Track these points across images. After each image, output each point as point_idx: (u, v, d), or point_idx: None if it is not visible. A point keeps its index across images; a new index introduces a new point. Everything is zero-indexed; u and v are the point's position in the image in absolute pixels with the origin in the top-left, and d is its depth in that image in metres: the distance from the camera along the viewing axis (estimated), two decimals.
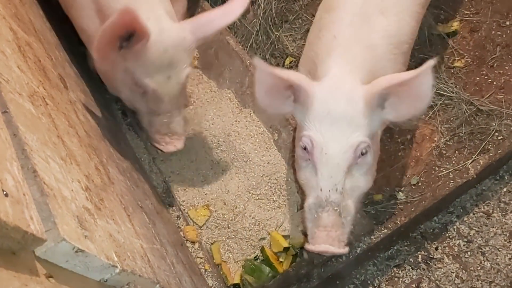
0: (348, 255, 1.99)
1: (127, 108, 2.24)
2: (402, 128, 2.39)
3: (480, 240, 2.14)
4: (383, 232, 2.03)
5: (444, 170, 2.28)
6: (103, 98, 2.28)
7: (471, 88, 2.45)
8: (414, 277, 2.10)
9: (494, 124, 2.31)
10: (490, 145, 2.28)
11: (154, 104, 1.93)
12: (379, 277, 2.12)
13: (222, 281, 2.05)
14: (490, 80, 2.45)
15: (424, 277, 2.09)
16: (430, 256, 2.14)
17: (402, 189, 2.27)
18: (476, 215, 2.20)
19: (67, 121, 1.40)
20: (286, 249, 2.09)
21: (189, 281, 1.69)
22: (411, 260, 2.14)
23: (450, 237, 2.17)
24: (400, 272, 2.13)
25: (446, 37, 2.60)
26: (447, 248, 2.15)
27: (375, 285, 2.11)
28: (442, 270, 2.10)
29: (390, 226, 2.04)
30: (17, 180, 0.82)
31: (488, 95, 2.40)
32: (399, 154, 2.36)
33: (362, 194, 1.64)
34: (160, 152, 2.34)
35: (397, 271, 2.13)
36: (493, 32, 2.58)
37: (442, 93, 2.41)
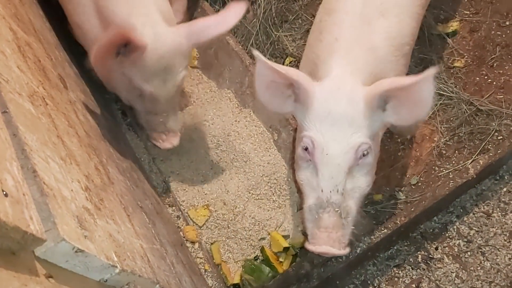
0: (348, 255, 1.99)
1: (127, 108, 2.27)
2: (401, 134, 2.38)
3: (480, 240, 2.14)
4: (383, 232, 2.03)
5: (444, 170, 2.28)
6: (103, 98, 2.28)
7: (471, 88, 2.45)
8: (414, 277, 2.10)
9: (494, 124, 2.31)
10: (490, 145, 2.28)
11: (151, 105, 1.97)
12: (379, 277, 2.12)
13: (222, 281, 2.05)
14: (490, 80, 2.45)
15: (424, 277, 2.09)
16: (430, 256, 2.14)
17: (402, 189, 2.27)
18: (476, 215, 2.20)
19: (67, 121, 1.40)
20: (286, 249, 2.09)
21: (189, 281, 1.69)
22: (411, 260, 2.14)
23: (450, 237, 2.17)
24: (400, 272, 2.13)
25: (446, 37, 2.60)
26: (447, 248, 2.15)
27: (375, 285, 2.11)
28: (442, 270, 2.10)
29: (390, 226, 2.04)
30: (17, 180, 0.82)
31: (488, 95, 2.40)
32: (399, 154, 2.36)
33: (363, 195, 1.64)
34: (158, 151, 2.36)
35: (397, 271, 2.13)
36: (493, 32, 2.58)
37: (442, 93, 2.41)
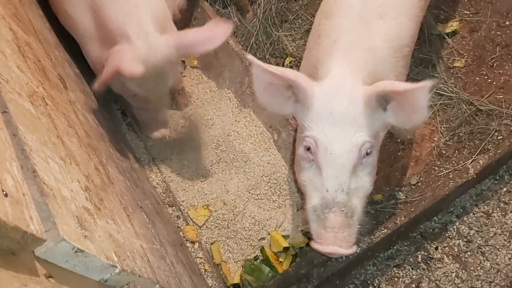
0: (348, 255, 1.99)
1: (127, 108, 2.30)
2: (400, 135, 2.38)
3: (480, 240, 2.14)
4: (383, 232, 2.03)
5: (444, 170, 2.28)
6: (103, 98, 2.28)
7: (470, 88, 2.45)
8: (414, 277, 2.10)
9: (494, 124, 2.31)
10: (490, 145, 2.28)
11: (143, 103, 2.08)
12: (379, 277, 2.12)
13: (222, 281, 2.05)
14: (489, 80, 2.46)
15: (424, 277, 2.10)
16: (430, 256, 2.14)
17: (402, 189, 2.27)
18: (476, 215, 2.20)
19: (66, 121, 1.40)
20: (286, 249, 2.09)
21: (189, 281, 1.69)
22: (411, 260, 2.14)
23: (450, 237, 2.17)
24: (400, 272, 2.13)
25: (446, 37, 2.60)
26: (447, 248, 2.15)
27: (375, 285, 2.11)
28: (442, 270, 2.10)
29: (390, 226, 2.04)
30: (17, 180, 0.82)
31: (488, 95, 2.40)
32: (399, 154, 2.36)
33: (366, 194, 1.63)
34: (158, 151, 2.36)
35: (397, 271, 2.13)
36: (493, 32, 2.58)
37: (442, 93, 2.41)
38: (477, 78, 2.47)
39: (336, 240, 1.52)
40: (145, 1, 1.95)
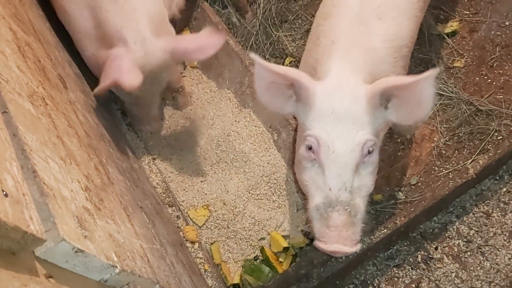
0: (347, 255, 1.99)
1: (119, 101, 2.38)
2: (401, 133, 2.39)
3: (479, 240, 2.14)
4: (382, 232, 2.03)
5: (444, 170, 2.28)
6: (102, 98, 2.28)
7: (470, 88, 2.45)
8: (413, 277, 2.10)
9: (494, 124, 2.32)
10: (490, 145, 2.28)
11: (136, 100, 2.15)
12: (378, 277, 2.12)
13: (221, 281, 2.05)
14: (489, 80, 2.46)
15: (423, 277, 2.10)
16: (430, 256, 2.14)
17: (402, 189, 2.27)
18: (475, 215, 2.20)
19: (66, 121, 1.40)
20: (285, 249, 2.09)
21: (189, 281, 1.69)
22: (410, 260, 2.14)
23: (450, 237, 2.17)
24: (399, 272, 2.13)
25: (446, 37, 2.60)
26: (446, 248, 2.15)
27: (375, 285, 2.11)
28: (442, 270, 2.10)
29: (389, 226, 2.04)
30: (17, 180, 0.82)
31: (488, 95, 2.41)
32: (399, 154, 2.36)
33: (368, 194, 1.63)
34: (158, 151, 2.36)
35: (396, 271, 2.13)
36: (493, 32, 2.58)
37: (442, 93, 2.41)
38: (477, 78, 2.47)
39: (340, 239, 1.50)
40: (143, 5, 1.98)
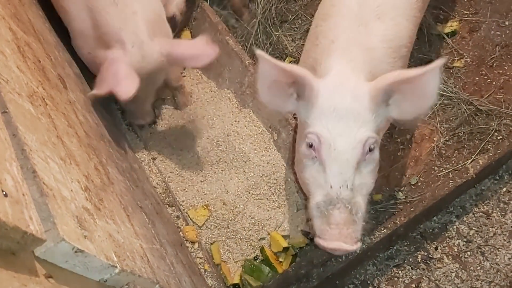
0: (347, 255, 1.99)
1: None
2: (403, 128, 2.39)
3: (479, 240, 2.14)
4: (382, 232, 2.03)
5: (444, 170, 2.28)
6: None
7: (470, 88, 2.45)
8: (413, 277, 2.10)
9: (494, 124, 2.32)
10: (490, 145, 2.28)
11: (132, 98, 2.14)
12: (378, 277, 2.12)
13: (221, 281, 2.05)
14: (489, 80, 2.46)
15: (423, 277, 2.10)
16: (430, 256, 2.14)
17: (402, 189, 2.27)
18: (475, 215, 2.20)
19: (66, 121, 1.40)
20: (285, 249, 2.09)
21: (189, 281, 1.69)
22: (410, 260, 2.14)
23: (450, 237, 2.17)
24: (399, 272, 2.13)
25: (446, 37, 2.60)
26: (446, 248, 2.15)
27: (375, 285, 2.11)
28: (442, 270, 2.10)
29: (389, 226, 2.04)
30: (17, 180, 0.82)
31: (488, 95, 2.41)
32: (399, 154, 2.36)
33: (369, 192, 1.62)
34: (158, 151, 2.36)
35: (396, 271, 2.13)
36: (492, 32, 2.58)
37: (442, 93, 2.41)
38: (477, 78, 2.47)
39: (341, 237, 1.50)
40: (142, 8, 2.00)
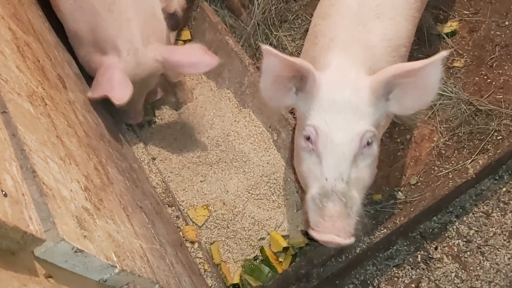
0: (347, 255, 1.99)
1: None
2: (403, 128, 2.39)
3: (479, 240, 2.14)
4: (382, 232, 2.03)
5: (444, 170, 2.28)
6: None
7: (470, 88, 2.45)
8: (413, 277, 2.11)
9: (493, 124, 2.32)
10: (489, 145, 2.29)
11: None
12: (378, 277, 2.12)
13: (221, 281, 2.05)
14: (489, 80, 2.46)
15: (423, 277, 2.10)
16: (430, 256, 2.14)
17: (402, 189, 2.27)
18: (475, 215, 2.20)
19: (66, 121, 1.40)
20: (285, 249, 2.09)
21: (189, 281, 1.69)
22: (410, 260, 2.14)
23: (450, 237, 2.17)
24: (399, 272, 2.13)
25: (446, 37, 2.60)
26: (446, 248, 2.15)
27: (375, 285, 2.11)
28: (442, 270, 2.10)
29: (389, 226, 2.04)
30: (16, 180, 0.82)
31: (487, 95, 2.41)
32: (399, 154, 2.36)
33: (366, 187, 1.61)
34: (158, 151, 2.36)
35: (396, 271, 2.13)
36: (492, 32, 2.58)
37: (441, 93, 2.41)
38: (477, 78, 2.47)
39: (334, 229, 1.48)
40: (137, 14, 2.00)
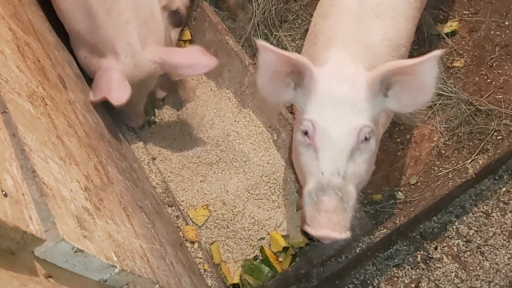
0: (347, 255, 1.99)
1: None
2: (403, 128, 2.39)
3: (479, 240, 2.15)
4: (382, 232, 2.03)
5: (443, 170, 2.28)
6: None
7: (470, 88, 2.45)
8: (413, 276, 2.11)
9: (493, 124, 2.32)
10: (489, 145, 2.29)
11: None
12: (378, 277, 2.13)
13: (221, 281, 2.05)
14: (489, 80, 2.46)
15: (423, 277, 2.10)
16: (430, 256, 2.14)
17: (401, 189, 2.27)
18: (475, 215, 2.20)
19: (66, 121, 1.40)
20: (285, 249, 2.09)
21: (189, 281, 1.69)
22: (410, 260, 2.14)
23: (449, 236, 2.17)
24: (399, 272, 2.13)
25: (445, 37, 2.60)
26: (446, 248, 2.15)
27: (375, 285, 2.11)
28: (442, 269, 2.10)
29: (389, 226, 2.04)
30: (16, 180, 0.82)
31: (487, 95, 2.41)
32: (398, 154, 2.36)
33: (362, 183, 1.61)
34: (158, 151, 2.37)
35: (396, 271, 2.13)
36: (492, 32, 2.58)
37: (441, 93, 2.41)
38: (477, 78, 2.47)
39: (330, 224, 1.47)
40: (134, 16, 2.00)
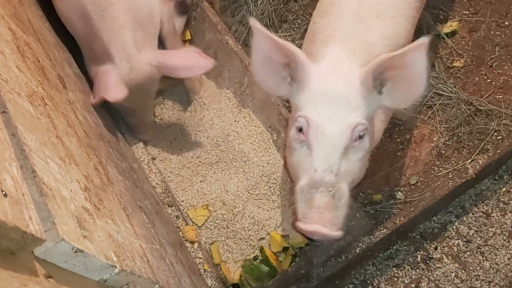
0: (347, 255, 1.99)
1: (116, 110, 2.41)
2: (403, 123, 2.39)
3: (479, 240, 2.15)
4: (382, 232, 2.03)
5: (443, 170, 2.28)
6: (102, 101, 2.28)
7: (470, 88, 2.46)
8: (413, 277, 2.11)
9: (493, 124, 2.32)
10: (489, 145, 2.29)
11: (130, 111, 2.24)
12: (378, 277, 2.12)
13: (221, 281, 2.05)
14: (489, 80, 2.46)
15: (423, 277, 2.10)
16: (430, 256, 2.14)
17: (401, 189, 2.27)
18: (475, 215, 2.20)
19: (66, 121, 1.40)
20: (285, 249, 2.09)
21: (189, 281, 1.69)
22: (410, 260, 2.14)
23: (449, 237, 2.17)
24: (399, 272, 2.13)
25: (445, 37, 2.60)
26: (446, 248, 2.15)
27: (375, 285, 2.11)
28: (442, 270, 2.10)
29: (389, 226, 2.04)
30: (16, 180, 0.82)
31: (487, 95, 2.41)
32: (398, 154, 2.36)
33: (355, 181, 1.60)
34: (158, 151, 2.37)
35: (396, 271, 2.13)
36: (492, 32, 2.58)
37: (441, 93, 2.41)
38: (477, 78, 2.47)
39: (321, 220, 1.47)
40: (129, 19, 2.00)
